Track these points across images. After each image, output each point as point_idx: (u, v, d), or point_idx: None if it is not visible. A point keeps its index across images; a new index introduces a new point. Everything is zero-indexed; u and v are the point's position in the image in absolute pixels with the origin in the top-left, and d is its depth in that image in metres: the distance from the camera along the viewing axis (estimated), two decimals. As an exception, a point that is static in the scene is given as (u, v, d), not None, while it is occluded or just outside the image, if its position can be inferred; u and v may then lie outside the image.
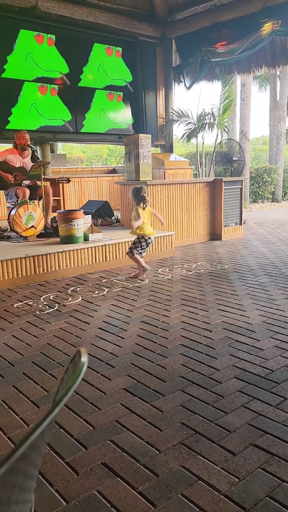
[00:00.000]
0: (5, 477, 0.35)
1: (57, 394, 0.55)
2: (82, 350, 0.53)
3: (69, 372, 0.54)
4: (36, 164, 5.58)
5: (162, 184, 6.21)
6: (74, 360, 0.54)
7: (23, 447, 0.38)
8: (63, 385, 0.53)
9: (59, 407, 0.44)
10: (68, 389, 0.46)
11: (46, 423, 0.43)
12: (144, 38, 8.94)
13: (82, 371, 0.49)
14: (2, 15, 7.08)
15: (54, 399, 0.53)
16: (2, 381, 2.39)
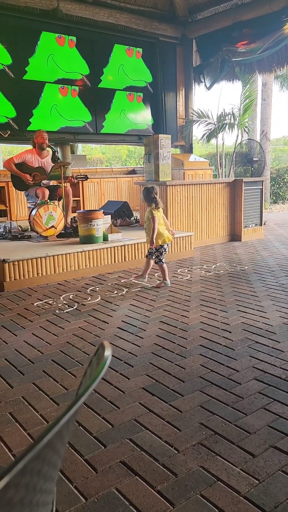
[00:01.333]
0: (32, 463, 0.35)
1: (80, 387, 0.56)
2: (106, 343, 0.54)
3: (93, 365, 0.54)
4: (56, 165, 5.64)
5: (182, 184, 6.20)
6: (98, 353, 0.54)
7: (50, 434, 0.39)
8: (87, 377, 0.53)
9: (83, 397, 0.45)
10: (92, 380, 0.46)
11: (72, 412, 0.43)
12: (164, 38, 8.94)
13: (106, 364, 0.49)
14: (24, 17, 7.18)
15: (77, 392, 0.54)
16: (23, 378, 2.42)
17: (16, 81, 7.18)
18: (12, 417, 2.03)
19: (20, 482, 0.34)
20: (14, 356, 2.71)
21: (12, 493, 0.33)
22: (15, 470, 0.32)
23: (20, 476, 0.33)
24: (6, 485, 0.31)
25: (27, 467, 0.34)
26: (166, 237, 4.19)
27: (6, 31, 7.01)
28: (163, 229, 4.19)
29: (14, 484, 0.33)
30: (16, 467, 0.32)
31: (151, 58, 8.88)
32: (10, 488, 0.32)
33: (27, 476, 0.35)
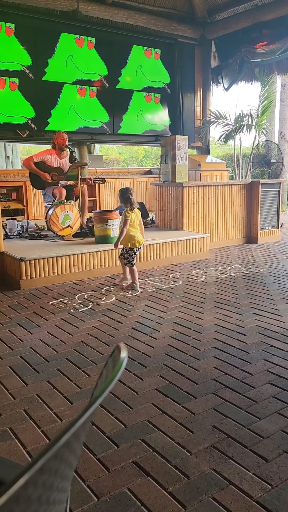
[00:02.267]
0: (50, 462, 0.36)
1: (95, 388, 0.56)
2: (122, 346, 0.54)
3: (109, 367, 0.54)
4: (74, 165, 5.68)
5: (198, 186, 6.18)
6: (114, 355, 0.55)
7: (67, 434, 0.40)
8: (103, 378, 0.54)
9: (100, 399, 0.45)
10: (108, 382, 0.46)
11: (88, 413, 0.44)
12: (183, 39, 8.92)
13: (122, 366, 0.49)
14: (44, 19, 7.25)
15: (93, 393, 0.54)
16: (37, 376, 2.44)
17: (35, 82, 7.26)
18: (26, 414, 2.05)
19: (39, 480, 0.35)
20: (29, 354, 2.74)
21: (31, 490, 0.34)
22: (35, 468, 0.33)
23: (39, 474, 0.34)
24: (26, 482, 0.32)
25: (46, 466, 0.35)
26: (137, 241, 4.10)
27: (27, 33, 7.09)
28: (136, 232, 4.09)
29: (33, 482, 0.33)
30: (35, 466, 0.33)
31: (169, 59, 8.88)
32: (29, 486, 0.33)
33: (45, 475, 0.36)
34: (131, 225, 4.05)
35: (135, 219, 4.09)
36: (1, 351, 2.79)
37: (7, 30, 6.91)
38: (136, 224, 4.10)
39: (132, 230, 4.07)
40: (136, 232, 4.10)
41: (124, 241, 4.10)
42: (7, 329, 3.18)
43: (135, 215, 4.08)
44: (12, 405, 2.14)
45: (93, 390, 0.57)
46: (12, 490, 0.30)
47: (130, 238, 4.08)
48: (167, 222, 6.28)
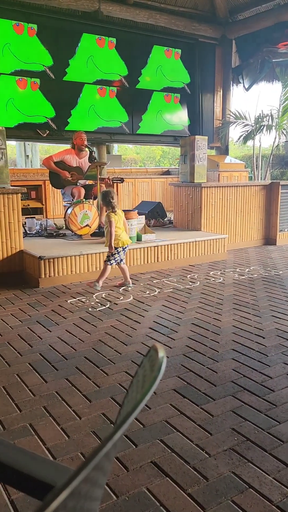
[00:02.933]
0: (93, 473, 0.36)
1: (130, 386, 0.57)
2: (158, 345, 0.54)
3: (145, 367, 0.55)
4: (93, 165, 5.71)
5: (217, 186, 6.14)
6: (150, 355, 0.55)
7: (119, 432, 0.40)
8: (139, 378, 0.54)
9: (144, 400, 0.45)
10: (151, 382, 0.47)
11: (134, 415, 0.44)
12: (203, 39, 8.88)
13: (162, 366, 0.49)
14: (66, 20, 7.31)
15: (128, 392, 0.55)
16: (56, 374, 2.47)
17: (56, 82, 7.32)
18: (46, 411, 2.07)
19: (82, 490, 0.35)
20: (48, 352, 2.77)
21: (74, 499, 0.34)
22: (81, 476, 0.33)
23: (84, 483, 0.34)
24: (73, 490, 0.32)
25: (89, 476, 0.35)
26: (122, 241, 4.12)
27: (49, 33, 7.16)
28: (121, 232, 4.14)
29: (77, 492, 0.34)
30: (82, 473, 0.33)
31: (189, 59, 8.85)
32: (74, 494, 0.33)
33: (87, 484, 0.36)
34: (116, 227, 4.07)
35: (119, 220, 4.13)
36: (20, 348, 2.83)
37: (30, 30, 6.98)
38: (120, 224, 4.13)
39: (118, 231, 4.10)
40: (120, 232, 4.12)
41: (107, 240, 4.11)
42: (26, 327, 3.22)
43: (118, 216, 4.12)
44: (32, 401, 2.16)
45: (128, 388, 0.57)
46: (62, 496, 0.30)
47: (115, 238, 4.09)
48: (185, 222, 6.27)
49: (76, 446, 1.81)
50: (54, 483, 0.72)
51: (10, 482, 0.83)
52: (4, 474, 0.80)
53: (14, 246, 4.60)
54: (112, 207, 4.07)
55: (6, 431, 1.91)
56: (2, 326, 3.25)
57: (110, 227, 4.04)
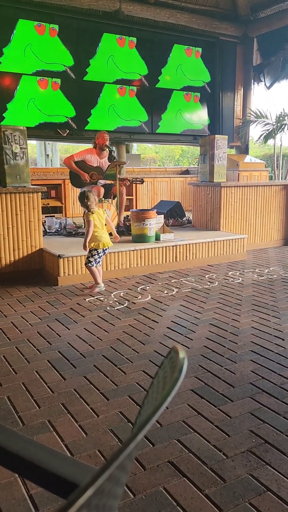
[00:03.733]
0: (115, 472, 0.37)
1: (151, 387, 0.57)
2: (178, 347, 0.54)
3: (166, 368, 0.55)
4: (112, 164, 5.73)
5: (236, 186, 6.09)
6: (170, 356, 0.55)
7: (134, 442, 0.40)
8: (160, 379, 0.54)
9: (166, 401, 0.46)
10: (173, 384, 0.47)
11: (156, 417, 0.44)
12: (224, 37, 8.82)
13: (184, 367, 0.50)
14: (87, 20, 7.36)
15: (148, 393, 0.55)
16: (75, 371, 2.49)
17: (77, 82, 7.38)
18: (64, 408, 2.10)
19: (105, 488, 0.36)
20: (67, 349, 2.80)
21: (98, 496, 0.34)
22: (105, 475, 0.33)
23: (107, 482, 0.35)
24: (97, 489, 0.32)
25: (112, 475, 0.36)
26: (102, 242, 4.00)
27: (70, 33, 7.22)
28: (101, 233, 4.00)
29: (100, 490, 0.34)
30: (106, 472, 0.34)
31: (210, 57, 8.80)
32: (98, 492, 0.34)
33: (110, 483, 0.37)
34: (95, 227, 3.95)
35: (98, 219, 4.00)
36: (40, 345, 2.86)
37: (51, 31, 7.05)
38: (100, 225, 4.00)
39: (96, 231, 3.97)
40: (101, 233, 4.00)
41: (89, 242, 3.99)
42: (45, 324, 3.26)
43: (97, 215, 3.99)
44: (51, 398, 2.19)
45: (148, 389, 0.58)
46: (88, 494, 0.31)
47: (93, 239, 3.98)
48: (203, 222, 6.24)
49: (94, 443, 1.82)
50: (75, 481, 0.73)
51: (32, 478, 0.85)
52: (26, 469, 0.82)
53: (34, 244, 4.66)
54: (87, 208, 3.97)
55: (25, 426, 1.94)
56: (22, 323, 3.29)
57: (87, 227, 3.94)
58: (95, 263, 4.05)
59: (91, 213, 3.97)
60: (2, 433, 0.85)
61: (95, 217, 3.99)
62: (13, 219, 4.51)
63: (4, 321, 3.33)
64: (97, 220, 4.00)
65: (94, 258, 4.04)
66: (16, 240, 4.56)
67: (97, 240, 4.00)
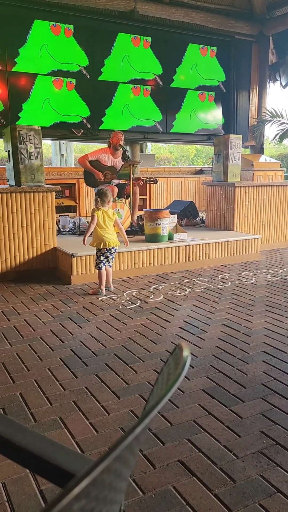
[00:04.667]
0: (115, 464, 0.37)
1: (156, 383, 0.57)
2: (183, 344, 0.55)
3: (170, 365, 0.55)
4: (126, 163, 5.75)
5: (251, 186, 6.05)
6: (175, 353, 0.56)
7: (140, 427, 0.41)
8: (164, 375, 0.55)
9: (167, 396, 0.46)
10: (174, 379, 0.47)
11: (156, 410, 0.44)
12: (240, 36, 8.77)
13: (186, 364, 0.50)
14: (103, 20, 7.39)
15: (153, 389, 0.55)
16: (86, 370, 2.51)
17: (91, 81, 7.42)
18: (75, 405, 2.11)
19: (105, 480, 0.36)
20: (79, 348, 2.82)
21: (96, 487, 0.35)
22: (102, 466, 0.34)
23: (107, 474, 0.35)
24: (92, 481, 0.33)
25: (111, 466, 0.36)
26: (105, 242, 3.90)
27: (85, 34, 7.27)
28: (106, 233, 3.90)
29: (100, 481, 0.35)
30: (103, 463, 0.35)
31: (225, 56, 8.76)
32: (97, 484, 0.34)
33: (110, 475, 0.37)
34: (99, 225, 3.89)
35: (105, 218, 3.91)
36: (52, 343, 2.89)
37: (66, 31, 7.10)
38: (105, 224, 3.91)
39: (100, 230, 3.90)
40: (106, 233, 3.91)
41: (92, 241, 3.97)
42: (58, 322, 3.29)
43: (103, 214, 3.92)
44: (62, 395, 2.21)
45: (154, 385, 0.58)
46: (84, 483, 0.32)
47: (97, 238, 3.93)
48: (217, 222, 6.21)
49: (104, 441, 1.83)
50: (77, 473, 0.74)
51: (42, 473, 0.86)
52: (37, 465, 0.83)
53: (48, 243, 4.70)
54: (96, 205, 3.95)
55: (37, 423, 1.96)
56: (35, 321, 3.33)
57: (90, 222, 3.91)
58: (103, 265, 4.00)
59: (96, 210, 3.92)
60: (12, 428, 0.86)
61: (100, 214, 3.90)
62: (27, 218, 4.56)
63: (17, 319, 3.37)
64: (102, 219, 3.90)
65: (101, 259, 3.99)
66: (30, 239, 4.60)
67: (100, 240, 3.92)
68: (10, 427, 0.83)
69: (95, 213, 3.91)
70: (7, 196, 4.45)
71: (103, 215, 3.92)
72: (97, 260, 4.01)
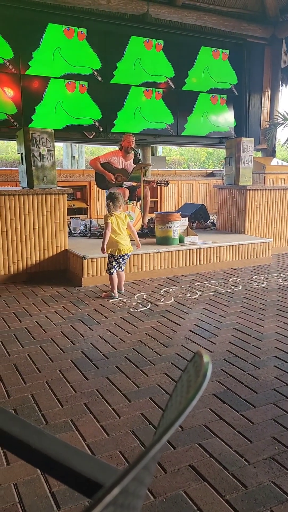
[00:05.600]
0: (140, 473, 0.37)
1: (174, 390, 0.58)
2: (202, 351, 0.55)
3: (189, 372, 0.55)
4: (137, 166, 5.76)
5: (262, 189, 6.03)
6: (194, 360, 0.56)
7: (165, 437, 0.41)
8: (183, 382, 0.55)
9: (190, 406, 0.46)
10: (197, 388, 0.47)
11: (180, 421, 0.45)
12: (252, 39, 8.74)
13: (208, 371, 0.50)
14: (115, 23, 7.42)
15: (171, 397, 0.55)
16: (97, 372, 2.51)
17: (104, 84, 7.45)
18: (86, 407, 2.12)
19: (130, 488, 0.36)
20: (90, 350, 2.82)
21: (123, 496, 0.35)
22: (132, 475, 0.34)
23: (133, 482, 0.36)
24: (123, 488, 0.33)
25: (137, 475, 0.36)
26: (119, 248, 3.89)
27: (98, 37, 7.30)
28: (120, 239, 3.89)
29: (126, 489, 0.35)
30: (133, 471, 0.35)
31: (237, 59, 8.74)
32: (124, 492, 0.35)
33: (135, 482, 0.38)
34: (113, 231, 3.88)
35: (119, 223, 3.89)
36: (63, 345, 2.90)
37: (80, 35, 7.15)
38: (119, 229, 3.89)
39: (115, 236, 3.89)
40: (120, 239, 3.89)
41: (107, 248, 3.93)
42: (69, 324, 3.30)
43: (117, 219, 3.90)
44: (73, 398, 2.22)
45: (171, 393, 0.58)
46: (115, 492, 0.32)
47: (111, 244, 3.91)
48: (228, 225, 6.19)
49: (115, 444, 1.83)
50: (97, 479, 0.75)
51: (55, 475, 0.87)
52: (50, 467, 0.83)
53: (59, 245, 4.73)
54: (108, 210, 3.91)
55: (48, 425, 1.97)
56: (46, 322, 3.34)
57: (105, 229, 3.87)
58: (114, 270, 3.99)
59: (110, 216, 3.89)
60: (27, 430, 0.87)
61: (113, 220, 3.89)
62: (39, 220, 4.59)
63: (29, 320, 3.39)
64: (116, 224, 3.89)
65: (112, 265, 3.97)
66: (42, 241, 4.63)
67: (115, 246, 3.90)
68: (26, 429, 0.84)
69: (108, 219, 3.87)
70: (19, 198, 4.49)
71: (116, 220, 3.91)
72: (109, 265, 4.00)
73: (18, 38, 6.71)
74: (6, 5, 6.55)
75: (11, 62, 6.71)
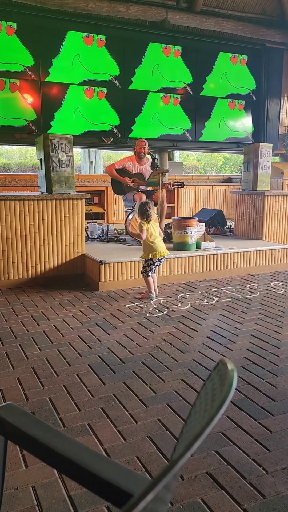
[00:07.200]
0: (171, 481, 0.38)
1: (198, 398, 0.58)
2: (226, 359, 0.55)
3: (214, 380, 0.56)
4: (155, 171, 5.78)
5: (281, 195, 5.98)
6: (218, 369, 0.56)
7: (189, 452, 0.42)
8: (208, 390, 0.55)
9: (218, 414, 0.47)
10: (225, 396, 0.48)
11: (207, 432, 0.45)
12: (271, 44, 8.71)
13: (234, 379, 0.50)
14: (134, 30, 7.49)
15: (195, 403, 0.56)
16: (114, 377, 2.52)
17: (122, 90, 7.52)
18: (103, 412, 2.13)
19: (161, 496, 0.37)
20: (107, 354, 2.84)
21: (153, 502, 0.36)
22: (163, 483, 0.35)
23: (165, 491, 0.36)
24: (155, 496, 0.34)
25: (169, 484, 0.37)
26: (158, 252, 4.04)
27: (117, 44, 7.38)
28: (156, 243, 4.04)
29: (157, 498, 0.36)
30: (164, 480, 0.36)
31: (256, 64, 8.72)
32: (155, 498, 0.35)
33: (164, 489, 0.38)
34: (150, 236, 4.03)
35: (153, 230, 4.06)
36: (80, 349, 2.92)
37: (99, 42, 7.23)
38: (154, 235, 4.06)
39: (151, 241, 4.03)
40: (156, 243, 4.05)
41: (146, 253, 4.08)
42: (86, 329, 3.33)
43: (152, 225, 4.07)
44: (91, 402, 2.23)
45: (195, 401, 0.59)
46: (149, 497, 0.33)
47: (150, 249, 4.04)
48: (246, 231, 6.16)
49: (132, 449, 1.84)
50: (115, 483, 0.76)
51: (75, 478, 0.88)
52: (70, 470, 0.85)
53: (77, 250, 4.77)
54: (146, 217, 4.05)
55: (66, 428, 1.99)
56: (64, 326, 3.37)
57: (141, 233, 4.02)
58: (151, 273, 4.14)
59: (147, 223, 4.04)
60: (49, 434, 0.88)
61: (149, 226, 4.05)
62: (57, 225, 4.64)
63: (47, 324, 3.43)
64: (152, 229, 4.06)
65: (150, 267, 4.12)
66: (60, 245, 4.68)
67: (153, 250, 4.06)
68: (48, 432, 0.85)
69: (144, 226, 4.03)
70: (38, 203, 4.55)
71: (152, 226, 4.07)
72: (146, 268, 4.12)
73: (39, 45, 6.83)
74: (27, 14, 6.68)
75: (31, 69, 6.83)
